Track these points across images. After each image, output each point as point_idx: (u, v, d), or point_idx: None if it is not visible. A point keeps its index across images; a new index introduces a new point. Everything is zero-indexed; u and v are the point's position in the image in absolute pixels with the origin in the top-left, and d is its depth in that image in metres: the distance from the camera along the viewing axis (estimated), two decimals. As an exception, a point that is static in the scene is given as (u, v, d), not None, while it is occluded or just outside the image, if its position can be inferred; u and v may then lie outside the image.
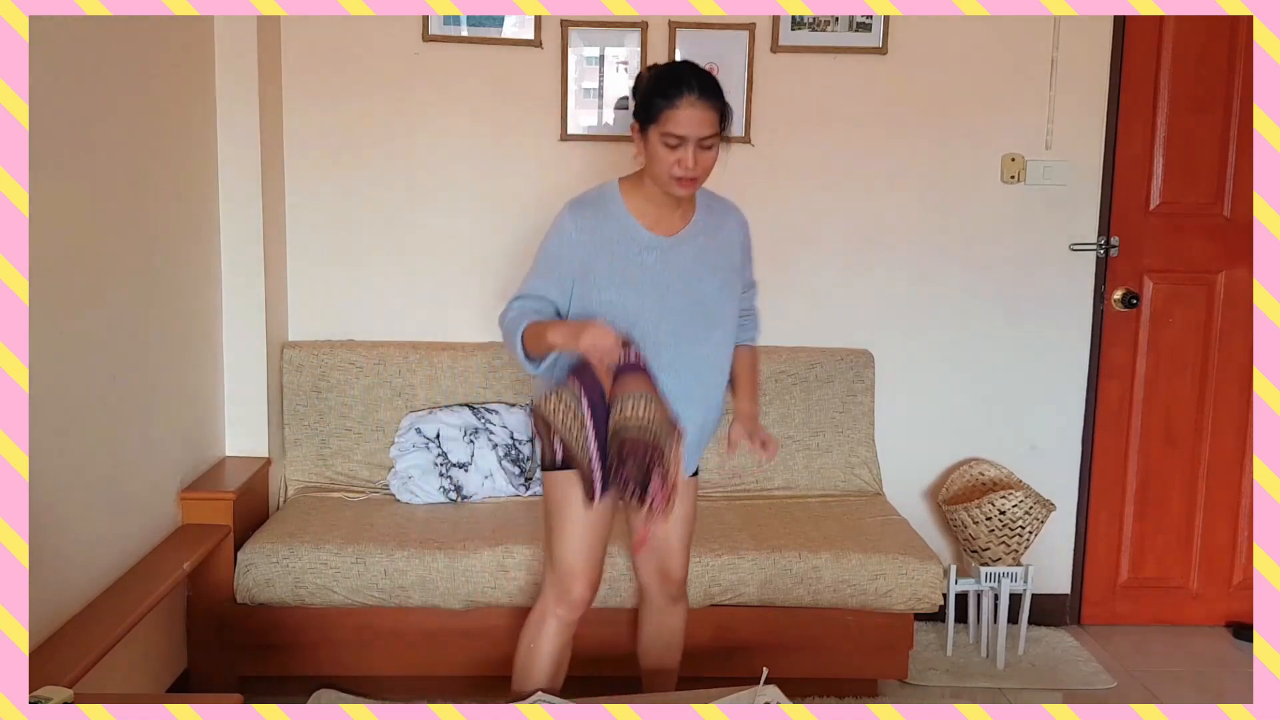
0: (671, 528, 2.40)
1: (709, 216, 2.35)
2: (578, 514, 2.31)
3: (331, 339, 3.37)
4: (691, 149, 2.15)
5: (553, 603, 2.40)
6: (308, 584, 2.77)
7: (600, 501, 2.25)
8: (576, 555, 2.35)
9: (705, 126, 2.14)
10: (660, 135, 2.15)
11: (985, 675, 3.15)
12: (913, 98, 3.33)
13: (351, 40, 3.24)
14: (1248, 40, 3.31)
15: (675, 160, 2.15)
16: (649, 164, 2.22)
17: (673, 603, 2.54)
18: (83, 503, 2.31)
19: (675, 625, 2.57)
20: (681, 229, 2.30)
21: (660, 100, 2.15)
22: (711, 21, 3.25)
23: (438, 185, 3.33)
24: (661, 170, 2.18)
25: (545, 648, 2.40)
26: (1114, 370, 3.47)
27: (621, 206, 2.27)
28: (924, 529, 3.37)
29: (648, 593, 2.55)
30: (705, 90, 2.15)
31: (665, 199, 2.26)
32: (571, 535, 2.34)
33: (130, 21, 2.46)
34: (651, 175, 2.23)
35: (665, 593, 2.52)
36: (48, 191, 2.11)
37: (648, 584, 2.52)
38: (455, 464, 3.16)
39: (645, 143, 2.20)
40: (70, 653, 2.08)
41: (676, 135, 2.14)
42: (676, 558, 2.48)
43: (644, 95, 2.20)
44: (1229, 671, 3.28)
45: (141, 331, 2.58)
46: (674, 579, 2.51)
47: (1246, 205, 3.37)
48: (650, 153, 2.19)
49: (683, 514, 2.43)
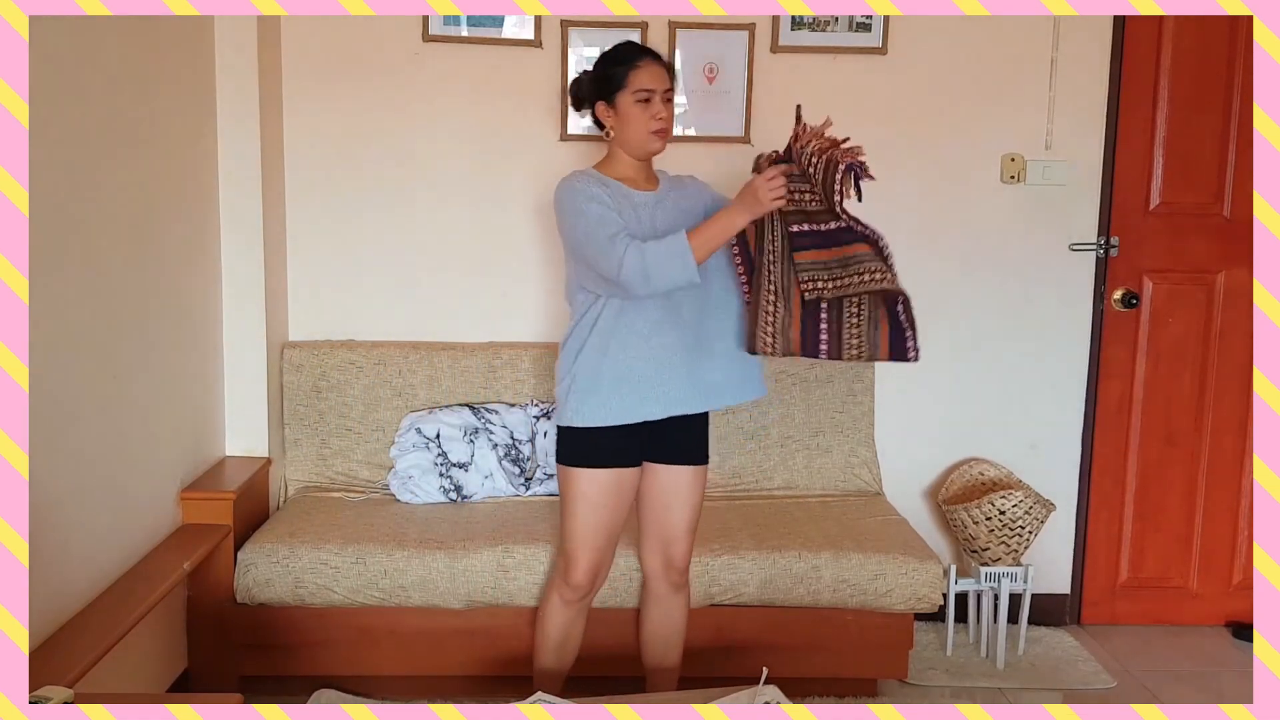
0: (678, 513, 2.53)
1: (671, 181, 2.55)
2: (586, 498, 2.45)
3: (331, 339, 3.37)
4: (659, 100, 2.38)
5: (557, 580, 2.56)
6: (308, 584, 2.77)
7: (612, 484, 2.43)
8: (577, 542, 2.48)
9: (665, 79, 2.41)
10: (633, 94, 2.37)
11: (985, 675, 3.15)
12: (913, 98, 3.33)
13: (351, 40, 3.24)
14: (1248, 40, 3.31)
15: (651, 114, 2.38)
16: (624, 131, 2.41)
17: (674, 591, 2.59)
18: (83, 503, 2.31)
19: (676, 617, 2.61)
20: (657, 188, 2.50)
21: (621, 68, 2.39)
22: (711, 21, 3.25)
23: (438, 185, 3.33)
24: (639, 130, 2.39)
25: (549, 623, 2.57)
26: (1114, 370, 3.47)
27: (607, 178, 2.45)
28: (924, 529, 3.37)
29: (650, 580, 2.60)
30: (654, 53, 2.45)
31: (637, 168, 2.46)
32: (579, 517, 2.47)
33: (130, 21, 2.46)
34: (628, 142, 2.42)
35: (668, 579, 2.58)
36: (48, 191, 2.12)
37: (651, 570, 2.59)
38: (455, 464, 3.17)
39: (617, 113, 2.41)
40: (70, 653, 2.08)
41: (647, 89, 2.37)
42: (681, 544, 2.56)
43: (601, 73, 2.42)
44: (1229, 671, 3.28)
45: (142, 331, 2.58)
46: (677, 565, 2.57)
47: (1246, 205, 3.37)
48: (624, 118, 2.40)
49: (690, 500, 2.54)
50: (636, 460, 2.47)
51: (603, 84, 2.41)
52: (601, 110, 2.43)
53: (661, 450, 2.50)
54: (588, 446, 2.42)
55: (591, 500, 2.44)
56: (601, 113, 2.43)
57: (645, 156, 2.45)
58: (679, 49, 3.26)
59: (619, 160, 2.46)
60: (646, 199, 2.44)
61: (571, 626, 2.58)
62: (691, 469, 2.53)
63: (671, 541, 2.55)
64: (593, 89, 2.44)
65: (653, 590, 2.61)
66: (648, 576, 2.61)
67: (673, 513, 2.53)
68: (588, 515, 2.45)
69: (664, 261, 2.26)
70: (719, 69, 3.28)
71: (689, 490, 2.53)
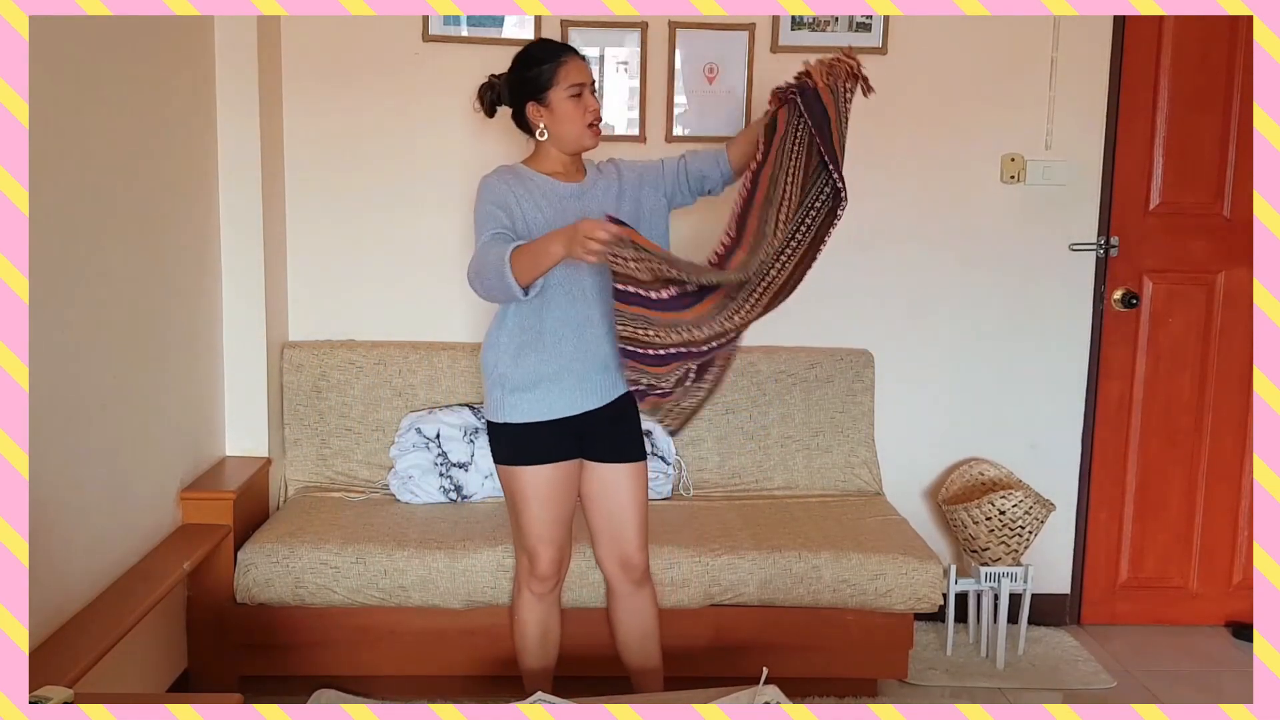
0: (624, 511, 2.53)
1: (598, 170, 2.54)
2: (534, 493, 2.47)
3: (331, 339, 3.37)
4: (588, 93, 2.40)
5: (524, 579, 2.58)
6: (308, 584, 2.77)
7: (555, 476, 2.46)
8: (535, 538, 2.51)
9: (589, 73, 2.43)
10: (566, 89, 2.38)
11: (985, 675, 3.15)
12: (913, 98, 3.33)
13: (352, 40, 3.24)
14: (1248, 40, 3.31)
15: (585, 108, 2.39)
16: (558, 128, 2.41)
17: (637, 589, 2.60)
18: (83, 502, 2.31)
19: (645, 615, 2.61)
20: (586, 178, 2.50)
21: (547, 66, 2.39)
22: (711, 21, 3.25)
23: (438, 185, 3.33)
24: (574, 125, 2.40)
25: (527, 622, 2.60)
26: (1114, 370, 3.47)
27: (533, 172, 2.46)
28: (924, 529, 3.37)
29: (611, 581, 2.62)
30: (571, 47, 2.48)
31: (565, 162, 2.47)
32: (531, 513, 2.49)
33: (130, 21, 2.46)
34: (562, 138, 2.42)
35: (628, 578, 2.58)
36: (48, 191, 2.12)
37: (610, 572, 2.61)
38: (455, 464, 3.17)
39: (549, 110, 2.40)
40: (70, 652, 2.08)
41: (578, 83, 2.39)
42: (633, 542, 2.56)
43: (525, 74, 2.41)
44: (1229, 671, 3.28)
45: (142, 331, 2.58)
46: (634, 563, 2.57)
47: (1246, 205, 3.37)
48: (558, 116, 2.40)
49: (635, 497, 2.54)
50: (573, 453, 2.48)
51: (530, 84, 2.40)
52: (532, 110, 2.41)
53: (596, 449, 2.50)
54: (523, 443, 2.45)
55: (541, 495, 2.47)
56: (533, 113, 2.42)
57: (581, 151, 2.46)
58: (679, 49, 3.26)
59: (547, 155, 2.46)
60: (575, 189, 2.44)
61: (548, 619, 2.60)
62: (629, 466, 2.53)
63: (623, 540, 2.55)
64: (519, 90, 2.42)
65: (615, 590, 2.62)
66: (608, 578, 2.62)
67: (619, 512, 2.53)
68: (540, 511, 2.48)
69: (485, 268, 2.27)
70: (719, 69, 3.28)
71: (631, 488, 2.53)
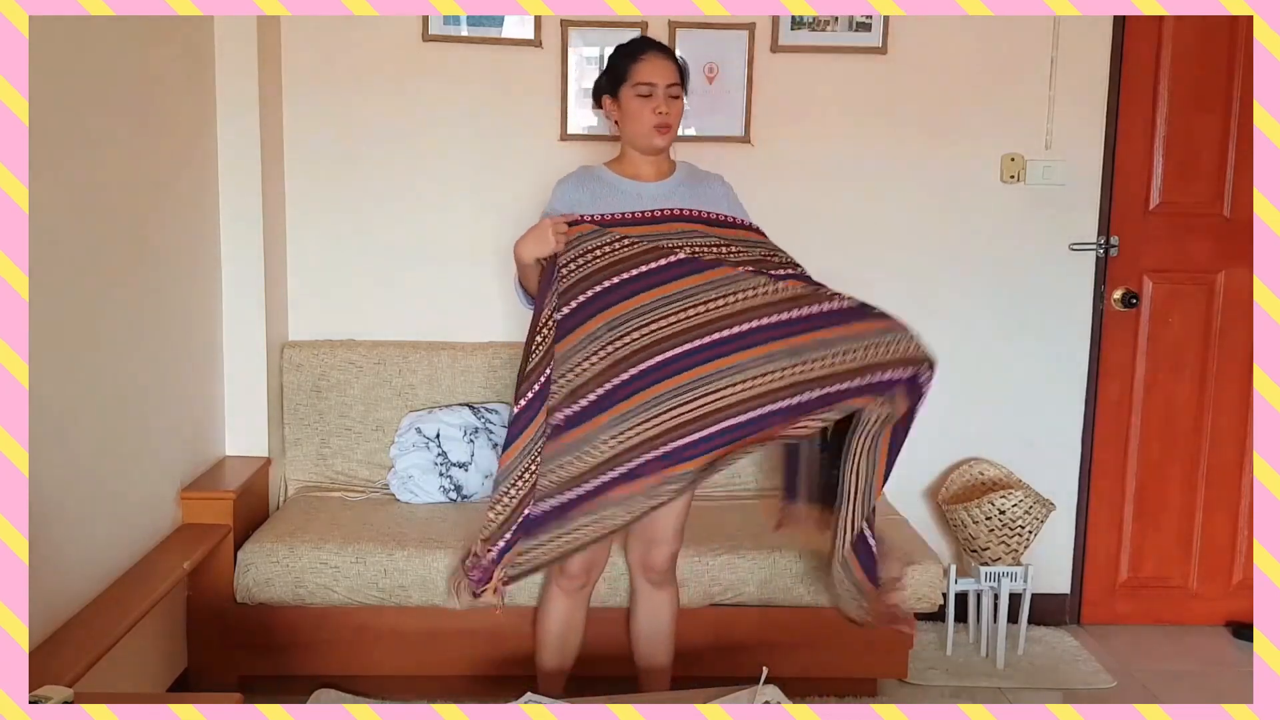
0: (663, 514, 2.46)
1: (690, 174, 2.54)
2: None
3: (331, 339, 3.36)
4: (661, 95, 2.39)
5: (553, 573, 2.57)
6: (308, 583, 2.77)
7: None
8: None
9: (669, 74, 2.41)
10: (633, 88, 2.39)
11: (985, 675, 3.15)
12: (913, 98, 3.33)
13: (352, 40, 3.24)
14: (1248, 40, 3.31)
15: (651, 109, 2.39)
16: (627, 126, 2.43)
17: (655, 588, 2.59)
18: (83, 501, 2.31)
19: (662, 615, 2.61)
20: (671, 178, 2.50)
21: (626, 60, 2.42)
22: (712, 21, 3.25)
23: (438, 184, 3.33)
24: (641, 124, 2.41)
25: (550, 616, 2.59)
26: (1113, 370, 3.47)
27: (610, 173, 2.49)
28: (924, 529, 3.37)
29: (632, 574, 2.63)
30: (662, 47, 2.46)
31: (647, 162, 2.47)
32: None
33: (131, 21, 2.46)
34: (631, 136, 2.45)
35: (646, 576, 2.58)
36: (48, 189, 2.12)
37: (632, 563, 2.61)
38: (455, 463, 3.16)
39: (620, 107, 2.43)
40: (70, 652, 2.08)
41: (647, 83, 2.38)
42: (665, 546, 2.54)
43: (609, 66, 2.45)
44: (1229, 671, 3.28)
45: (142, 331, 2.58)
46: (655, 565, 2.56)
47: (1246, 205, 3.37)
48: (627, 113, 2.42)
49: (677, 502, 2.47)
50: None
51: (609, 78, 2.45)
52: (607, 104, 2.46)
53: None
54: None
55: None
56: (606, 107, 2.47)
57: (649, 152, 2.46)
58: (679, 49, 3.25)
59: (628, 156, 2.49)
60: (649, 189, 2.46)
61: (572, 618, 2.59)
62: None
63: (656, 543, 2.54)
64: (602, 83, 2.48)
65: (636, 587, 2.63)
66: (630, 570, 2.65)
67: (659, 514, 2.46)
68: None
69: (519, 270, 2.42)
70: (719, 69, 3.28)
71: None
